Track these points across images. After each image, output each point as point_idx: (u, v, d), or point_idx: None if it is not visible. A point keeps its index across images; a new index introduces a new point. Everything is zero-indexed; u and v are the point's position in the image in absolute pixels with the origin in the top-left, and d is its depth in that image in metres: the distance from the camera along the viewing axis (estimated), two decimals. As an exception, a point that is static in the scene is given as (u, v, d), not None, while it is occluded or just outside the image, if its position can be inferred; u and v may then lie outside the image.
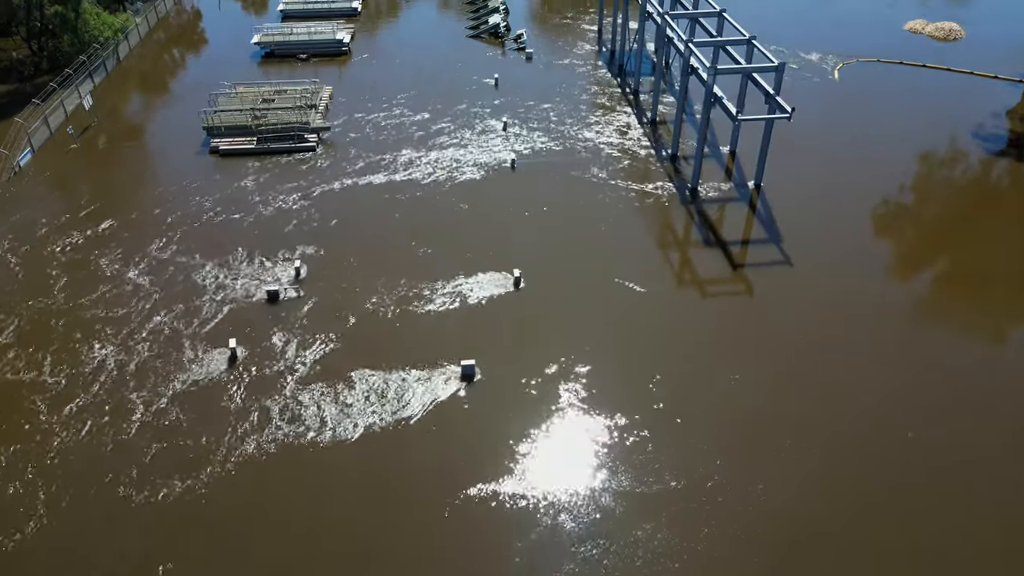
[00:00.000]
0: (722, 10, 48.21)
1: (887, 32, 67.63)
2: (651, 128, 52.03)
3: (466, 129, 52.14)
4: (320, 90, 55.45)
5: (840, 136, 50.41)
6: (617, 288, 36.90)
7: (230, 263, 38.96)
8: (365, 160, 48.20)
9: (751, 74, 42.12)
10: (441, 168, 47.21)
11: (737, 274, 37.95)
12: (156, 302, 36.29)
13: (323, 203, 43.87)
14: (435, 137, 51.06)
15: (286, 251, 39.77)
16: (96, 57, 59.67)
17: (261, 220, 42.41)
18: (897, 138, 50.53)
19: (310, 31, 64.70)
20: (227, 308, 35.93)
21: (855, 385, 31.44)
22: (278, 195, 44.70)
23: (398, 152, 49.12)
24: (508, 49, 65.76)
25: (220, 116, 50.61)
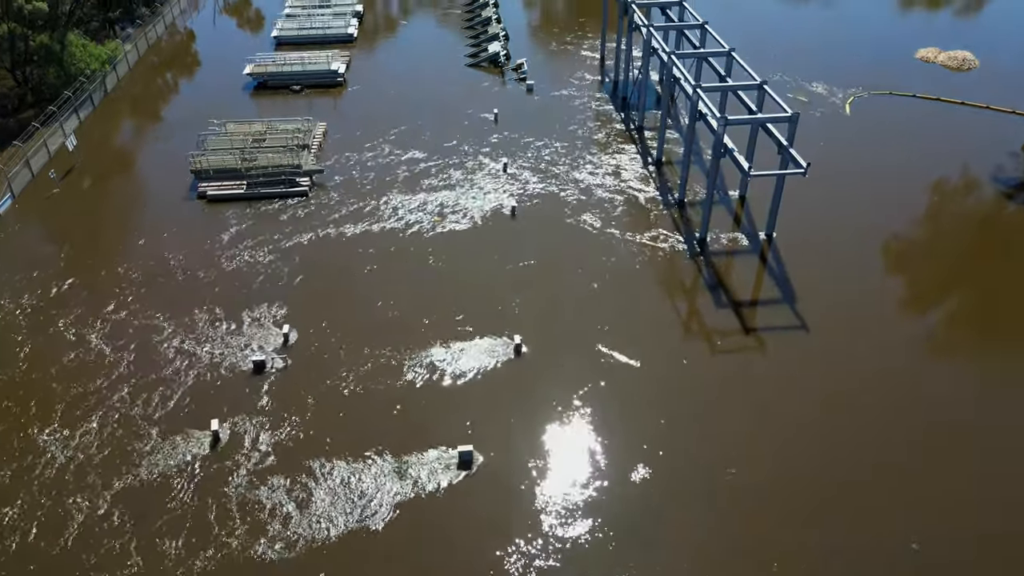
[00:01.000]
0: (731, 50, 46.27)
1: (898, 61, 65.63)
2: (656, 169, 50.06)
3: (463, 170, 50.16)
4: (313, 128, 53.48)
5: (853, 177, 48.38)
6: (617, 365, 34.96)
7: (197, 327, 36.83)
8: (354, 206, 46.15)
9: (764, 125, 40.10)
10: (436, 216, 45.20)
11: (749, 340, 35.92)
12: (114, 376, 34.07)
13: (306, 257, 41.74)
14: (431, 179, 49.06)
15: (262, 312, 37.75)
16: (82, 91, 57.72)
17: (237, 276, 40.28)
18: (913, 179, 48.60)
19: (303, 62, 62.72)
20: (192, 379, 33.92)
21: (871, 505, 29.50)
22: (258, 247, 42.50)
23: (390, 196, 47.10)
24: (508, 79, 63.80)
25: (208, 158, 48.63)
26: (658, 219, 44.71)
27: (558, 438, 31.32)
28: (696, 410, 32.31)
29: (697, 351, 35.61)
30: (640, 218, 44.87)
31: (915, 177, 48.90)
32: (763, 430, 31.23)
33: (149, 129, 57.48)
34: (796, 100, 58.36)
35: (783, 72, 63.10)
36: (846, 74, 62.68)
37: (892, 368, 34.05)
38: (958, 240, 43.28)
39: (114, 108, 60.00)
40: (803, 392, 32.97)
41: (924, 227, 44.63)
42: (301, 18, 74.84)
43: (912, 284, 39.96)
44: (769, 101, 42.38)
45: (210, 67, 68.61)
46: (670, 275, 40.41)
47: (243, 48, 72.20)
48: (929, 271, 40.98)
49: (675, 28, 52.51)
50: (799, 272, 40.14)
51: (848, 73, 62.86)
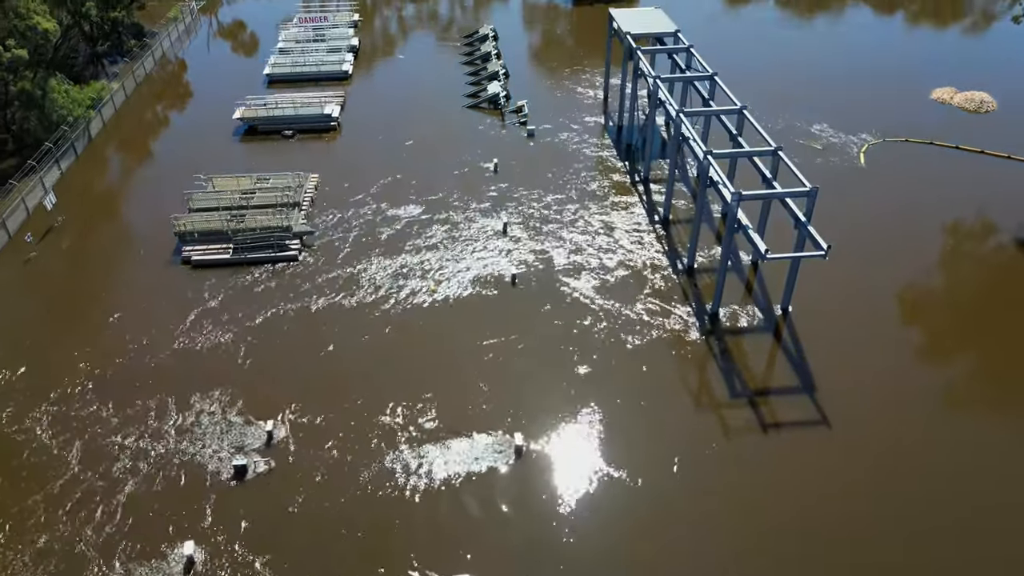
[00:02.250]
0: (742, 107, 43.94)
1: (913, 101, 63.23)
2: (664, 228, 47.67)
3: (461, 229, 47.79)
4: (304, 182, 51.11)
5: (871, 238, 45.90)
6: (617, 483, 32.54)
7: (155, 423, 34.25)
8: (344, 273, 43.72)
9: (783, 199, 37.68)
10: (433, 284, 42.76)
11: (764, 440, 33.46)
12: (58, 486, 31.61)
13: (285, 339, 39.16)
14: (426, 239, 46.66)
15: (235, 405, 35.36)
16: (64, 140, 55.40)
17: (207, 360, 37.75)
18: (933, 238, 46.23)
19: (296, 106, 60.34)
20: (150, 487, 31.48)
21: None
22: (232, 324, 39.93)
23: (381, 261, 44.66)
24: (508, 122, 61.40)
25: (193, 220, 46.25)
26: (667, 289, 42.25)
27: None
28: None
29: (712, 463, 33.07)
30: (647, 287, 42.41)
31: (936, 237, 46.51)
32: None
33: (134, 181, 55.02)
34: (809, 148, 56.02)
35: (793, 112, 60.84)
36: (859, 116, 60.30)
37: (929, 468, 31.68)
38: (990, 313, 40.74)
39: (98, 157, 57.60)
40: (820, 517, 30.60)
41: (949, 294, 42.18)
42: (295, 53, 72.56)
43: (938, 358, 37.53)
44: (785, 144, 39.99)
45: (200, 106, 66.23)
46: (680, 359, 37.88)
47: (235, 80, 70.18)
48: (959, 348, 38.51)
49: (682, 80, 50.14)
50: (817, 351, 37.70)
51: (861, 115, 60.49)
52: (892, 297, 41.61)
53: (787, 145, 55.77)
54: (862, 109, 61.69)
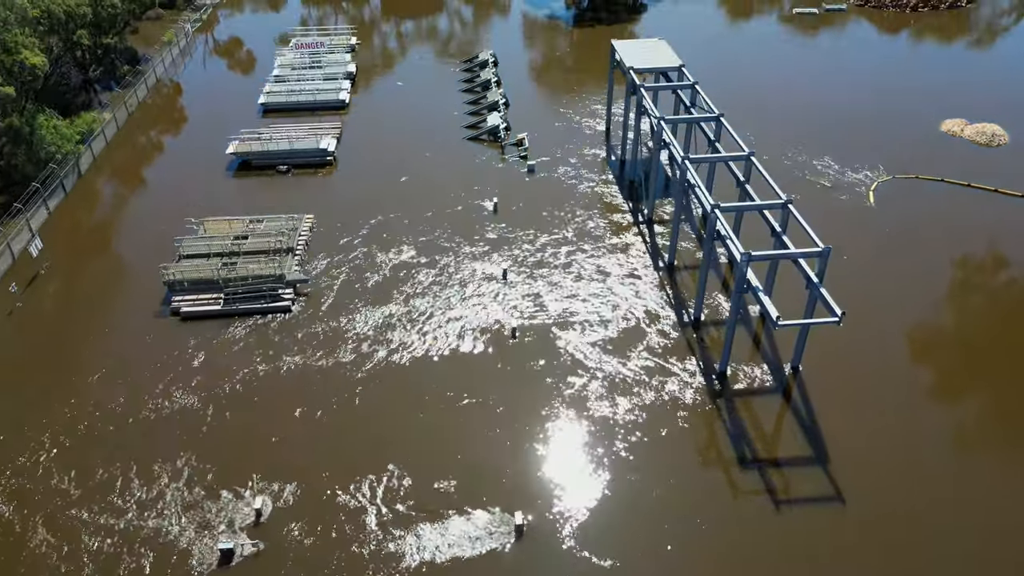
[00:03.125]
0: (750, 153, 42.49)
1: (922, 133, 61.78)
2: (668, 274, 46.23)
3: (458, 274, 46.33)
4: (298, 224, 49.65)
5: (882, 283, 44.46)
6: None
7: (121, 500, 32.85)
8: (325, 327, 42.21)
9: (795, 260, 36.17)
10: (425, 339, 41.28)
11: (776, 519, 31.96)
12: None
13: (260, 402, 37.71)
14: (421, 285, 45.22)
15: (218, 480, 33.99)
16: (53, 178, 54.01)
17: (170, 426, 36.25)
18: (945, 283, 44.80)
19: (291, 140, 58.89)
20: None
21: None
22: (204, 388, 38.25)
23: (368, 311, 43.20)
24: (508, 155, 59.96)
25: (183, 268, 44.82)
26: (672, 344, 40.75)
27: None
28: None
29: (721, 544, 31.69)
30: (651, 341, 40.95)
31: (948, 281, 45.11)
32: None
33: (124, 222, 53.37)
34: (817, 185, 54.60)
35: (798, 144, 59.43)
36: (867, 149, 58.91)
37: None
38: (1006, 360, 39.28)
39: (87, 194, 56.08)
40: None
41: (963, 342, 40.62)
42: (291, 81, 71.18)
43: (955, 414, 36.03)
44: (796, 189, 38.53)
45: (194, 136, 64.69)
46: (687, 424, 36.36)
47: (231, 103, 68.97)
48: (977, 403, 37.02)
49: (687, 121, 48.68)
50: (830, 412, 36.23)
51: (869, 148, 59.10)
52: (904, 346, 40.20)
53: (794, 182, 54.92)
54: (870, 141, 60.28)
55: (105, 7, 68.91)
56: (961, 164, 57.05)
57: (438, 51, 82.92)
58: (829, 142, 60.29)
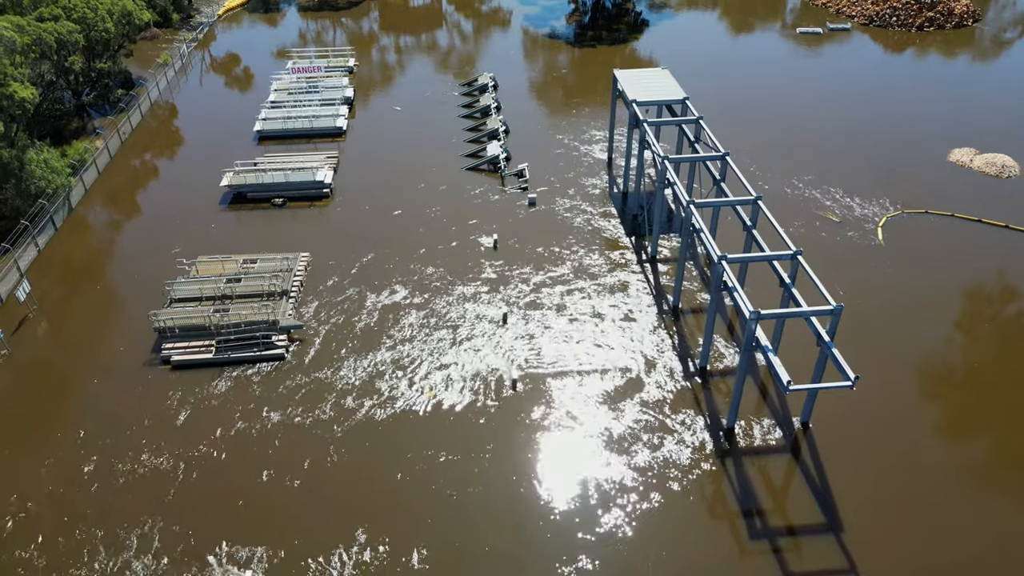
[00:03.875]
0: (757, 198, 41.25)
1: (931, 163, 60.54)
2: (673, 319, 44.99)
3: (456, 319, 45.10)
4: (294, 263, 48.40)
5: (896, 335, 43.14)
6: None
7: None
8: (316, 376, 40.96)
9: (807, 317, 34.88)
10: (428, 391, 39.97)
11: (789, 581, 30.80)
12: None
13: (241, 461, 36.46)
14: (417, 330, 43.95)
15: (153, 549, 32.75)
16: (43, 214, 52.83)
17: (138, 491, 34.95)
18: (962, 334, 43.54)
19: (286, 173, 57.64)
20: None
21: None
22: (180, 446, 36.86)
23: (354, 360, 41.89)
24: (508, 186, 58.72)
25: (174, 315, 43.55)
26: (675, 396, 39.51)
27: None
28: None
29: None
30: (654, 392, 39.69)
31: (965, 325, 43.89)
32: None
33: (115, 260, 51.97)
34: (826, 220, 53.37)
35: (804, 174, 58.22)
36: (875, 180, 57.70)
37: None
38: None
39: (78, 230, 54.71)
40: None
41: (982, 392, 39.40)
42: (287, 106, 69.97)
43: (977, 473, 34.80)
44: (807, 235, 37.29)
45: (188, 164, 63.24)
46: (693, 489, 35.14)
47: (227, 125, 67.82)
48: (1002, 463, 35.84)
49: (692, 160, 47.44)
50: (842, 472, 35.00)
51: (877, 178, 57.89)
52: (919, 398, 38.98)
53: (801, 214, 53.74)
54: (877, 171, 59.08)
55: (98, 32, 67.74)
56: (971, 197, 55.85)
57: (437, 69, 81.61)
58: (835, 171, 59.10)
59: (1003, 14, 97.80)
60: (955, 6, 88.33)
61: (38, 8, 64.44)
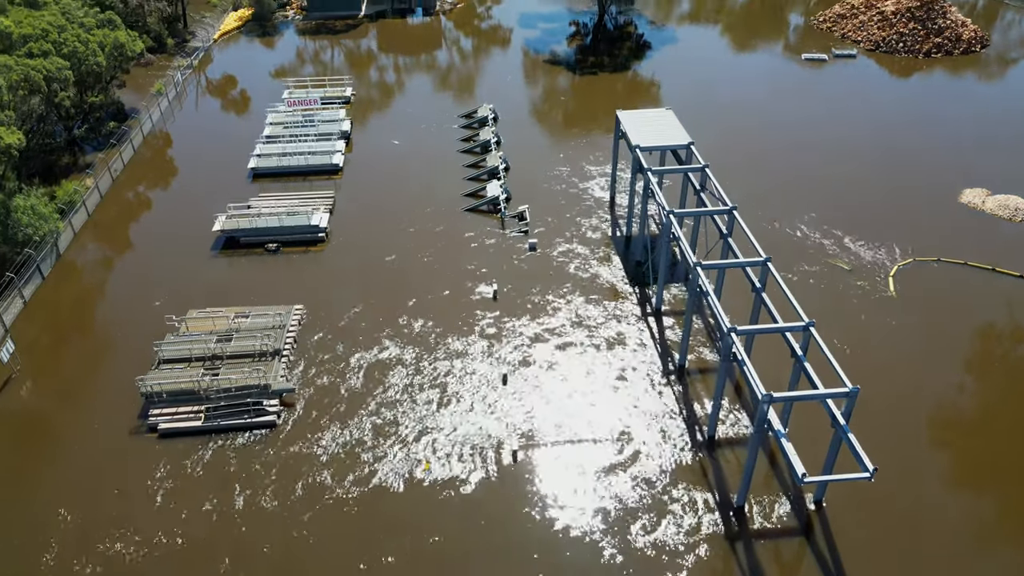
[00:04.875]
0: (766, 259, 39.68)
1: (941, 205, 58.98)
2: (679, 380, 43.46)
3: (451, 379, 43.53)
4: (287, 319, 46.88)
5: (913, 402, 41.53)
6: None
7: None
8: (294, 450, 39.33)
9: (823, 400, 33.33)
10: (425, 465, 38.39)
11: None
12: None
13: (202, 550, 34.85)
14: (396, 389, 42.43)
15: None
16: (30, 263, 51.35)
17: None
18: (979, 393, 42.04)
19: (280, 217, 56.13)
20: None
21: None
22: (153, 531, 35.33)
23: (335, 429, 40.33)
24: (508, 229, 57.16)
25: (161, 379, 42.00)
26: (680, 469, 37.94)
27: None
28: None
29: None
30: (657, 466, 38.13)
31: (985, 390, 42.35)
32: None
33: (103, 313, 50.28)
34: (836, 268, 51.85)
35: (812, 218, 56.72)
36: (885, 224, 56.17)
37: None
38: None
39: (65, 279, 52.99)
40: None
41: (1004, 465, 37.92)
42: (283, 140, 68.44)
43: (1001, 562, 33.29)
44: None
45: (180, 205, 61.29)
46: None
47: (220, 166, 66.18)
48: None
49: (698, 214, 45.87)
50: (857, 560, 33.48)
51: (887, 222, 56.35)
52: (937, 473, 37.45)
53: (813, 261, 52.24)
54: (886, 213, 57.56)
55: (89, 65, 66.30)
56: (984, 242, 54.35)
57: (437, 96, 79.98)
58: (844, 212, 57.59)
59: (1009, 33, 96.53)
60: (963, 32, 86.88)
61: (27, 43, 62.98)
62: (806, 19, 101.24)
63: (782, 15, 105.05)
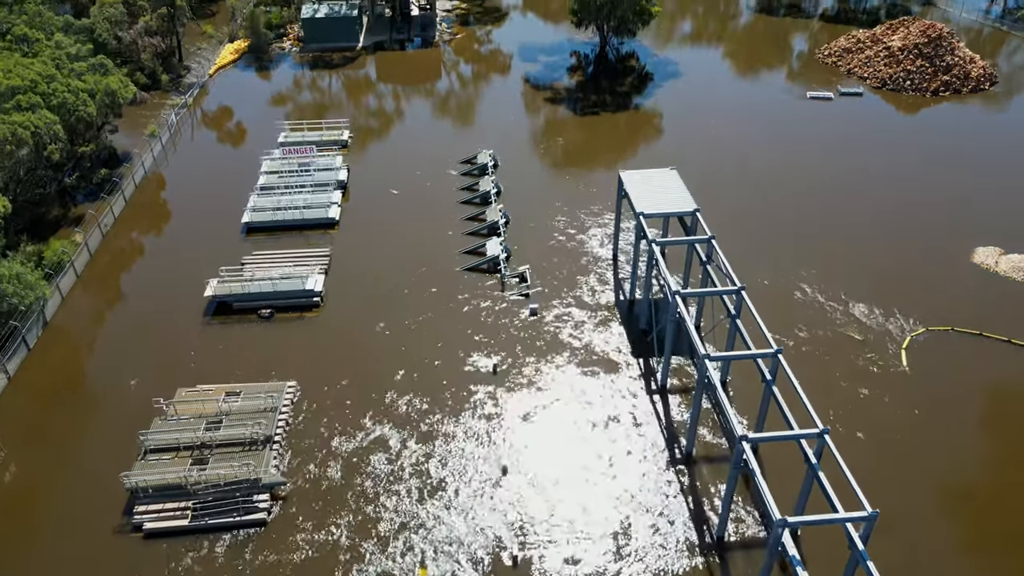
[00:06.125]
0: (777, 351, 38.07)
1: (954, 266, 57.23)
2: (687, 469, 41.81)
3: (447, 471, 41.88)
4: (279, 400, 45.28)
5: (928, 487, 40.13)
6: None
7: None
8: (270, 559, 37.76)
9: (842, 524, 31.63)
10: (420, 569, 36.80)
11: None
12: None
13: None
14: (380, 480, 40.81)
15: None
16: (15, 336, 49.78)
17: None
18: (1006, 491, 40.37)
19: (274, 282, 54.55)
20: None
21: None
22: None
23: (315, 532, 38.66)
24: (508, 293, 55.54)
25: (147, 473, 40.32)
26: (692, 573, 36.44)
27: None
28: None
29: None
30: (663, 568, 36.55)
31: (1010, 486, 40.75)
32: None
33: (89, 387, 48.63)
34: (848, 338, 50.23)
35: (818, 280, 55.11)
36: (894, 286, 54.52)
37: None
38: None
39: (51, 350, 51.24)
40: None
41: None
42: (278, 191, 66.82)
43: None
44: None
45: (171, 265, 59.16)
46: None
47: (214, 216, 64.62)
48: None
49: (705, 295, 44.28)
50: None
51: (896, 285, 54.70)
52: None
53: (824, 334, 50.59)
54: (896, 275, 55.87)
55: (80, 118, 64.82)
56: (999, 307, 52.72)
57: (436, 138, 78.32)
58: (852, 273, 55.93)
59: (1013, 58, 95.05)
60: (971, 69, 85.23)
61: (15, 96, 61.51)
62: (810, 47, 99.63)
63: (785, 42, 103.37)
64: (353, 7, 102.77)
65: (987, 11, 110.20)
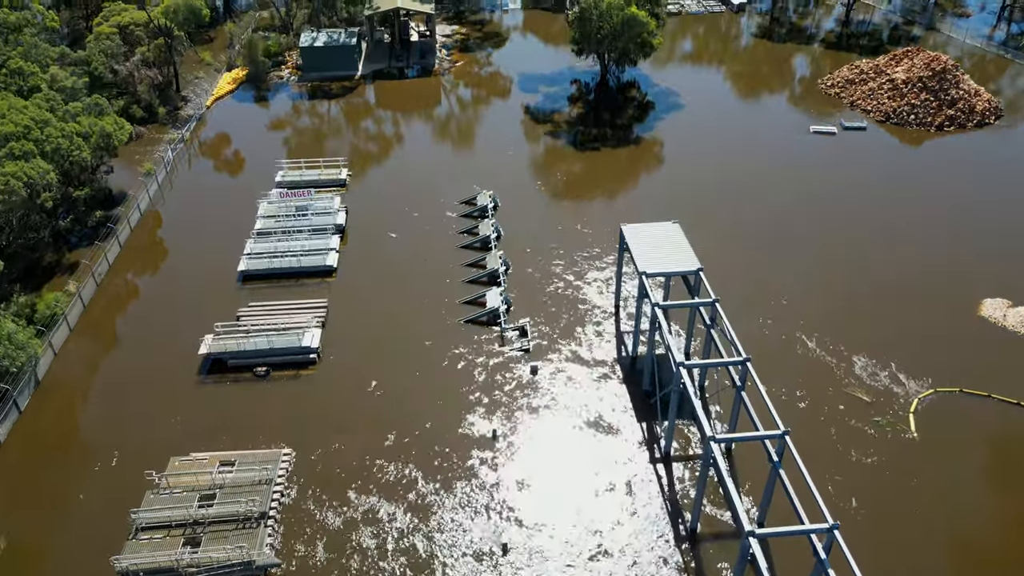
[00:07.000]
0: (785, 432, 37.16)
1: (960, 319, 56.22)
2: (691, 548, 40.90)
3: (445, 547, 41.01)
4: (274, 472, 44.33)
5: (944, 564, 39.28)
6: None
7: None
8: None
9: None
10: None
11: None
12: None
13: None
14: (369, 561, 39.94)
15: None
16: (6, 399, 48.88)
17: None
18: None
19: (270, 339, 53.63)
20: None
21: None
22: None
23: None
24: (507, 348, 54.63)
25: (138, 555, 39.32)
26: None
27: None
28: None
29: None
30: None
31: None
32: None
33: (80, 454, 47.37)
34: (855, 399, 49.32)
35: (820, 334, 54.20)
36: (899, 342, 53.63)
37: None
38: None
39: (42, 413, 50.23)
40: None
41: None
42: (275, 236, 65.87)
43: None
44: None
45: (165, 319, 57.84)
46: None
47: (210, 262, 63.76)
48: None
49: (707, 366, 43.34)
50: None
51: (901, 341, 53.79)
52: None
53: (832, 395, 49.70)
54: (900, 329, 55.04)
55: (74, 165, 63.95)
56: (1007, 365, 51.81)
57: (436, 173, 77.33)
58: (856, 328, 54.96)
59: (1016, 81, 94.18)
60: (976, 103, 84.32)
61: (8, 143, 60.60)
62: (812, 75, 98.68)
63: (787, 70, 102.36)
64: (352, 35, 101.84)
65: (989, 37, 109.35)
